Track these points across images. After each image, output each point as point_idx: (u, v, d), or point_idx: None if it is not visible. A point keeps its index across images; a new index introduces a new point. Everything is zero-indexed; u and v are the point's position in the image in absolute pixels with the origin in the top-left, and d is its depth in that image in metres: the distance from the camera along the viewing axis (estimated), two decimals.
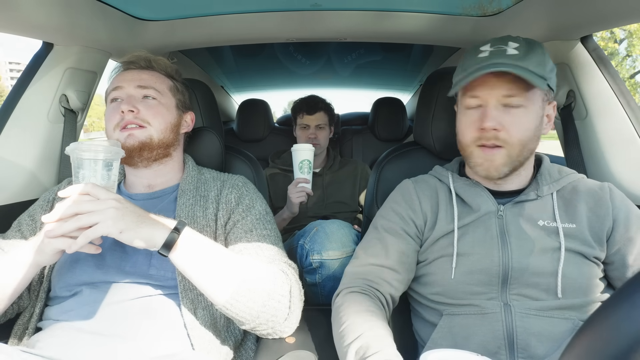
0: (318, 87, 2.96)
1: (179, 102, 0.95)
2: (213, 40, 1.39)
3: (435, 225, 0.84)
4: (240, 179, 0.96)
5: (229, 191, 0.90)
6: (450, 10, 1.16)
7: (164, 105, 0.90)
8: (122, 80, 0.88)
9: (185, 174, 0.94)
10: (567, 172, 0.85)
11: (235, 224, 0.86)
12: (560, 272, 0.73)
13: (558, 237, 0.76)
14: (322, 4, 1.13)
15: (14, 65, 54.05)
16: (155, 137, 0.87)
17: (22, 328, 0.81)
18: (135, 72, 0.91)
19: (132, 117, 0.84)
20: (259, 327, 0.75)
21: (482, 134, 0.77)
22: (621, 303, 0.33)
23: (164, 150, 0.89)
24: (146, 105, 0.87)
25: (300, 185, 1.42)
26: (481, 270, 0.77)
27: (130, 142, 0.84)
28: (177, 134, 0.94)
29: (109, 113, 0.87)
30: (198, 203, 0.87)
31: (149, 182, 0.92)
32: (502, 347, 0.72)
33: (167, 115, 0.90)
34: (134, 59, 0.93)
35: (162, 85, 0.92)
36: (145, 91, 0.88)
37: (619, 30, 13.38)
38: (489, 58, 0.76)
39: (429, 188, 0.90)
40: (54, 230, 0.64)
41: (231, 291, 0.70)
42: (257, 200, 0.92)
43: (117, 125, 0.85)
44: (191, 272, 0.70)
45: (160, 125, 0.88)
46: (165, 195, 0.91)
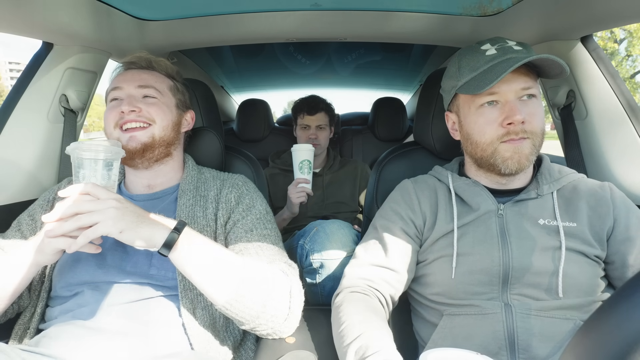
0: (318, 87, 2.96)
1: (179, 102, 0.95)
2: (213, 40, 1.39)
3: (434, 225, 0.84)
4: (240, 178, 0.96)
5: (229, 190, 0.90)
6: (450, 10, 1.16)
7: (165, 103, 0.90)
8: (122, 81, 0.88)
9: (185, 173, 0.93)
10: (567, 172, 0.84)
11: (236, 223, 0.86)
12: (561, 272, 0.73)
13: (558, 236, 0.76)
14: (322, 4, 1.12)
15: (14, 65, 54.05)
16: (157, 136, 0.87)
17: (22, 328, 0.81)
18: (135, 72, 0.91)
19: (135, 116, 0.84)
20: (259, 328, 0.75)
21: (510, 128, 0.76)
22: (621, 303, 0.33)
23: (165, 148, 0.89)
24: (146, 104, 0.87)
25: (300, 185, 1.42)
26: (481, 270, 0.76)
27: (132, 145, 0.84)
28: (178, 132, 0.94)
29: (108, 112, 0.86)
30: (198, 203, 0.87)
31: (149, 182, 0.92)
32: (503, 348, 0.71)
33: (168, 113, 0.90)
34: (135, 60, 0.93)
35: (162, 85, 0.92)
36: (145, 90, 0.88)
37: (619, 30, 13.38)
38: (502, 54, 0.77)
39: (428, 188, 0.89)
40: (54, 230, 0.64)
41: (231, 291, 0.70)
42: (258, 199, 0.92)
43: (117, 124, 0.85)
44: (191, 272, 0.70)
45: (162, 122, 0.88)
46: (166, 195, 0.91)
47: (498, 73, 0.73)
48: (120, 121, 0.84)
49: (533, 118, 0.76)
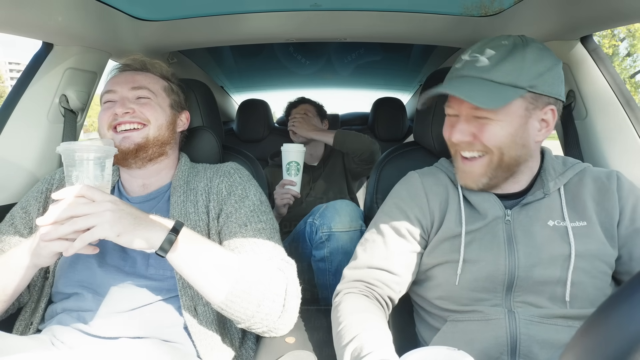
0: (318, 87, 2.96)
1: (173, 102, 0.94)
2: (213, 40, 1.39)
3: (441, 226, 0.80)
4: (232, 165, 0.94)
5: (220, 180, 0.88)
6: (450, 10, 1.16)
7: (158, 104, 0.89)
8: (116, 83, 0.88)
9: (177, 170, 0.93)
10: (572, 163, 0.81)
11: (229, 216, 0.84)
12: (569, 281, 0.71)
13: (568, 238, 0.73)
14: (322, 4, 1.12)
15: (14, 66, 54.03)
16: (152, 136, 0.86)
17: (24, 324, 0.81)
18: (129, 74, 0.90)
19: (129, 117, 0.84)
20: (254, 326, 0.75)
21: (457, 146, 0.78)
22: (621, 303, 0.33)
23: (159, 148, 0.88)
24: (140, 104, 0.86)
25: (287, 187, 1.42)
26: (486, 278, 0.74)
27: (125, 145, 0.83)
28: (173, 132, 0.93)
29: (102, 114, 0.86)
30: (189, 198, 0.86)
31: (144, 181, 0.91)
32: (504, 353, 0.71)
33: (162, 113, 0.89)
34: (129, 62, 0.92)
35: (155, 86, 0.91)
36: (138, 92, 0.88)
37: (618, 30, 13.39)
38: (460, 69, 0.76)
39: (437, 184, 0.84)
40: (50, 234, 0.64)
41: (227, 292, 0.70)
42: (251, 188, 0.89)
43: (110, 125, 0.84)
44: (188, 272, 0.70)
45: (156, 122, 0.87)
46: (160, 195, 0.90)
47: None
48: (113, 122, 0.84)
49: (484, 136, 0.73)
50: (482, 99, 0.70)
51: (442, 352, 0.53)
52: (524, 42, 0.73)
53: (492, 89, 0.71)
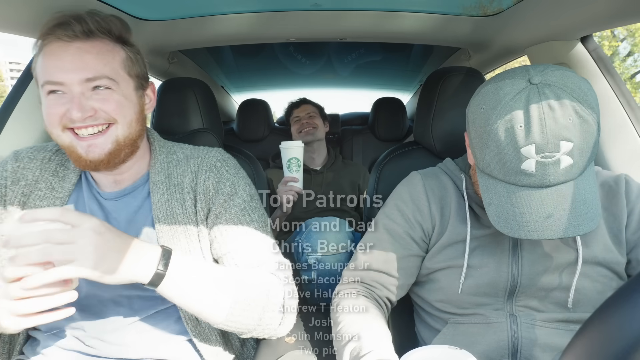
0: (318, 87, 2.96)
1: (137, 81, 0.75)
2: (213, 40, 1.39)
3: (445, 231, 0.78)
4: (217, 155, 0.82)
5: (207, 176, 0.78)
6: (450, 10, 1.16)
7: (123, 94, 0.71)
8: (61, 70, 0.66)
9: (152, 159, 0.80)
10: None
11: (218, 217, 0.76)
12: (573, 286, 0.70)
13: (575, 245, 0.71)
14: (322, 4, 1.12)
15: (14, 65, 54.03)
16: (121, 136, 0.71)
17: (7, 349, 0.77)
18: (75, 51, 0.67)
19: (91, 121, 0.68)
20: (256, 334, 0.74)
21: None
22: (621, 303, 0.33)
23: (131, 147, 0.74)
24: (100, 99, 0.68)
25: (289, 184, 1.42)
26: (488, 284, 0.74)
27: (94, 156, 0.69)
28: (144, 121, 0.78)
29: (49, 110, 0.67)
30: (174, 196, 0.76)
31: (115, 178, 0.78)
32: (505, 356, 0.71)
33: (129, 105, 0.72)
34: (64, 21, 0.67)
35: (113, 65, 0.70)
36: (94, 83, 0.68)
37: (618, 31, 13.38)
38: (538, 177, 0.60)
39: (440, 187, 0.82)
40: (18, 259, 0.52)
41: (226, 313, 0.67)
42: (240, 183, 0.80)
43: (65, 126, 0.68)
44: (181, 302, 0.65)
45: (125, 119, 0.71)
46: (136, 190, 0.79)
47: (525, 225, 0.61)
48: (69, 124, 0.67)
49: None
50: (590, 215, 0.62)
51: (444, 351, 0.53)
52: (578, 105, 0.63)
53: (587, 222, 0.61)
